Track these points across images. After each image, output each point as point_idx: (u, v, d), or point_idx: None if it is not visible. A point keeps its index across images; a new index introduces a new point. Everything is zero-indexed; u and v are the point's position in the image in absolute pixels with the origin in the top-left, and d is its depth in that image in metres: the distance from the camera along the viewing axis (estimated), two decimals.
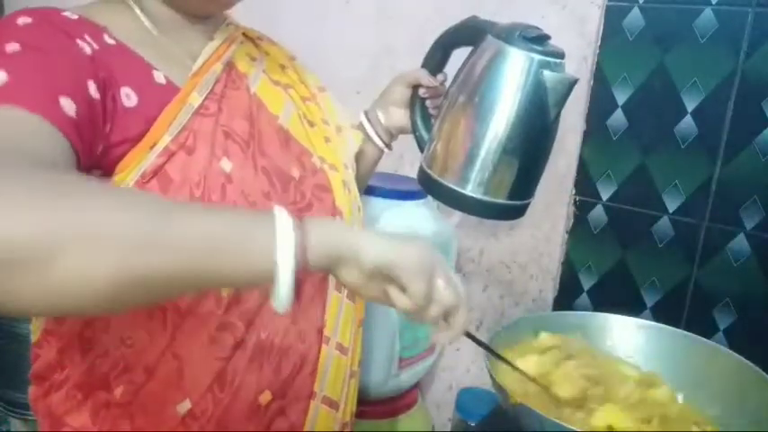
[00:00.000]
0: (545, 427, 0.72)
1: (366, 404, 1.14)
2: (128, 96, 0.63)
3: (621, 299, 1.19)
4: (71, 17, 0.63)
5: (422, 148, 0.88)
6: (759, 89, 1.04)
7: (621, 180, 1.18)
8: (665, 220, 1.15)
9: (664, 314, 1.15)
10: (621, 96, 1.15)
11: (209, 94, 0.70)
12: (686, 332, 0.94)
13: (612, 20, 1.15)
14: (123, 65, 0.64)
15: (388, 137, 0.96)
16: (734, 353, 0.88)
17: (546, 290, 1.32)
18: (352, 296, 0.80)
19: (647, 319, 1.06)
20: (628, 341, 0.96)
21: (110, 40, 0.65)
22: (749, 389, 0.82)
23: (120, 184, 0.63)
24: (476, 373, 1.43)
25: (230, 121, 0.71)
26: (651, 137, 1.14)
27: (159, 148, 0.64)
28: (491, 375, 0.79)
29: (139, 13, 0.71)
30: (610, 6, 1.15)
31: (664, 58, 1.11)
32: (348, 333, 0.81)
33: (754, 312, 1.09)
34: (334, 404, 0.79)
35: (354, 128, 0.94)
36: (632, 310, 1.06)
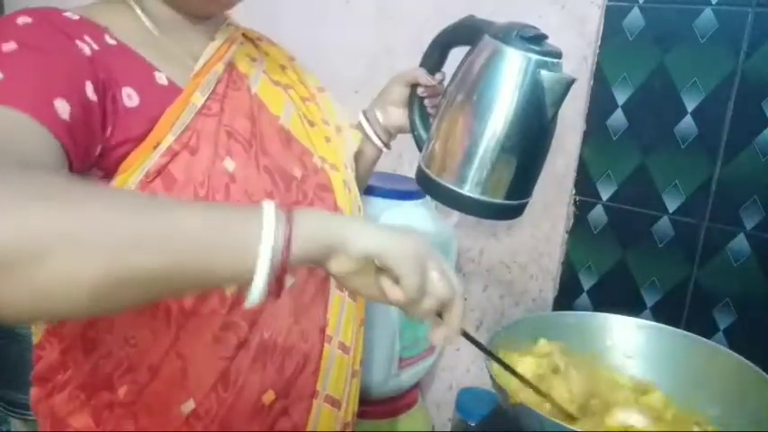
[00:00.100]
0: (545, 427, 0.72)
1: (366, 404, 1.13)
2: (129, 97, 0.63)
3: (621, 299, 1.20)
4: (72, 18, 0.63)
5: (420, 147, 0.88)
6: (759, 89, 1.04)
7: (621, 180, 1.18)
8: (665, 220, 1.15)
9: (664, 314, 1.16)
10: (621, 96, 1.16)
11: (211, 94, 0.70)
12: (686, 332, 0.94)
13: (612, 20, 1.15)
14: (124, 65, 0.64)
15: (387, 136, 0.96)
16: (734, 353, 0.88)
17: (546, 290, 1.32)
18: (354, 295, 0.80)
19: (647, 319, 1.06)
20: (628, 341, 0.96)
21: (111, 40, 0.65)
22: (749, 389, 0.82)
23: (124, 183, 0.63)
24: (476, 373, 1.43)
25: (232, 121, 0.72)
26: (651, 137, 1.14)
27: (163, 147, 0.64)
28: (491, 375, 0.78)
29: (140, 14, 0.71)
30: (610, 6, 1.15)
31: (664, 58, 1.11)
32: (350, 332, 0.81)
33: (754, 312, 1.09)
34: (336, 403, 0.80)
35: (353, 127, 0.94)
36: (632, 310, 1.06)
